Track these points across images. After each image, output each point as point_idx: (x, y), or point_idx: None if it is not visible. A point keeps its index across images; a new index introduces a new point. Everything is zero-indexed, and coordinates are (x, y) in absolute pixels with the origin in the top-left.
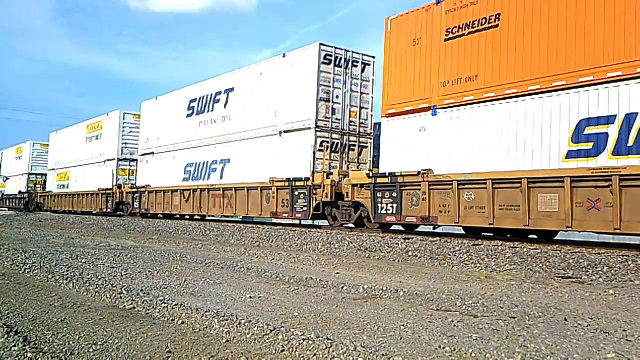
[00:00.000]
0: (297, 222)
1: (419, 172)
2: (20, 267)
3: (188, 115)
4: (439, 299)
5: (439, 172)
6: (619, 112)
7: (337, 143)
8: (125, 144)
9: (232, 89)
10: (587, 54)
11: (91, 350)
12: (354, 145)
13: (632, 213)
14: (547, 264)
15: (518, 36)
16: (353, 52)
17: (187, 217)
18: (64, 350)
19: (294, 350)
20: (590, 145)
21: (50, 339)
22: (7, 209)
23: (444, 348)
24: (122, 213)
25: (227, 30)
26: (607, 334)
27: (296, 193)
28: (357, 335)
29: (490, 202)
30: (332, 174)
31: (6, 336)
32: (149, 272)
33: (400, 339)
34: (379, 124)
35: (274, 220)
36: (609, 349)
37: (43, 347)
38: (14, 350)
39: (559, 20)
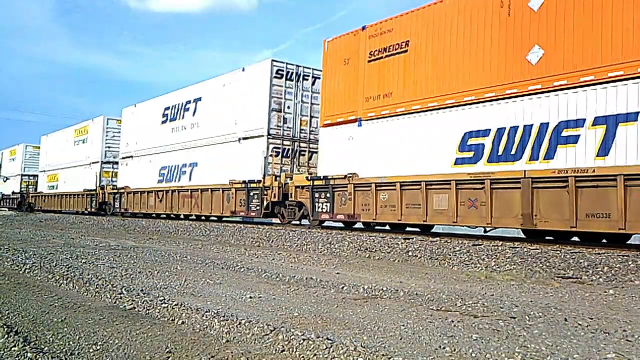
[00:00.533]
0: (251, 219)
1: (346, 176)
2: (21, 267)
3: (162, 122)
4: (439, 299)
5: (362, 176)
6: (492, 126)
7: (288, 149)
8: (109, 147)
9: (199, 99)
10: (470, 78)
11: (91, 350)
12: (304, 151)
13: (500, 210)
14: (547, 264)
15: (421, 60)
16: (304, 67)
17: (164, 216)
18: (64, 350)
19: (294, 350)
20: (471, 154)
21: (50, 339)
22: (6, 209)
23: (444, 348)
24: (105, 212)
25: (227, 30)
26: (607, 334)
27: (251, 194)
28: (357, 335)
29: (399, 201)
30: (279, 176)
31: (6, 336)
32: (149, 272)
33: (400, 339)
34: None
35: (232, 218)
36: (609, 349)
37: (43, 347)
38: (14, 350)
39: (450, 49)
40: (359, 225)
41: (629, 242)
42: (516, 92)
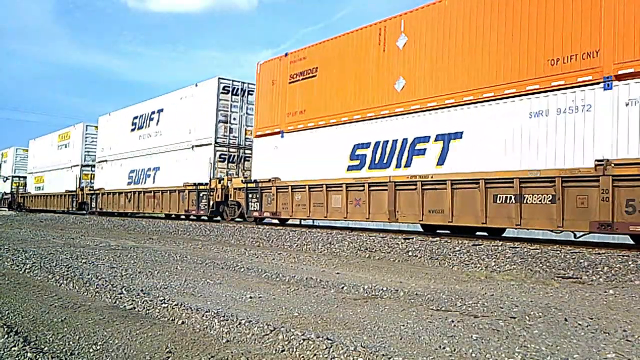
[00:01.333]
0: (202, 217)
1: (270, 179)
2: (21, 267)
3: (132, 130)
4: (439, 299)
5: (283, 180)
6: (372, 140)
7: (234, 155)
8: (88, 151)
9: (162, 110)
10: (357, 99)
11: (91, 350)
12: (249, 157)
13: (375, 208)
14: (547, 264)
15: (326, 83)
16: (249, 83)
17: (129, 214)
18: (64, 350)
19: (294, 350)
20: (358, 162)
21: (50, 339)
22: (6, 209)
23: (444, 348)
24: (84, 212)
25: (227, 30)
26: (607, 334)
27: (201, 195)
28: (357, 335)
29: (308, 201)
30: (222, 179)
31: (6, 336)
32: (149, 272)
33: (400, 339)
34: None
35: (185, 215)
36: (609, 349)
37: (43, 347)
38: (14, 350)
39: (345, 75)
40: (292, 221)
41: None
42: (388, 113)
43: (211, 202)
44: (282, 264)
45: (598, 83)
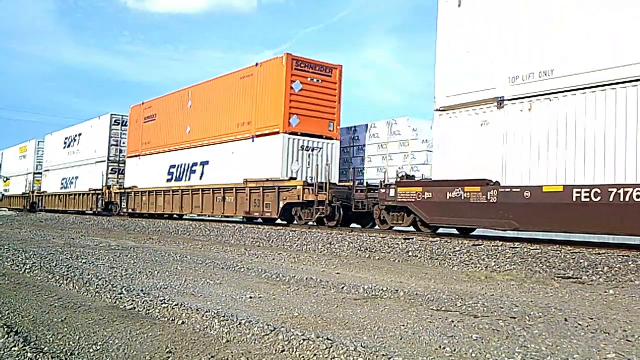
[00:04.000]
0: (97, 212)
1: (132, 187)
2: (21, 267)
3: (63, 147)
4: (439, 299)
5: (139, 187)
6: (177, 162)
7: (122, 169)
8: (39, 162)
9: (80, 134)
10: (172, 137)
11: (91, 350)
12: None
13: (177, 204)
14: (547, 264)
15: (160, 125)
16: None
17: (60, 211)
18: (64, 350)
19: (294, 350)
20: (170, 176)
21: (50, 339)
22: (6, 209)
23: (444, 348)
24: (34, 209)
25: (227, 31)
26: (607, 334)
27: (97, 197)
28: (357, 335)
29: (149, 201)
30: (110, 186)
31: (6, 336)
32: (149, 272)
33: (400, 339)
34: None
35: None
36: (609, 349)
37: (43, 347)
38: (14, 350)
39: (169, 121)
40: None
41: (631, 242)
42: (183, 147)
43: (102, 202)
44: (282, 264)
45: (250, 138)
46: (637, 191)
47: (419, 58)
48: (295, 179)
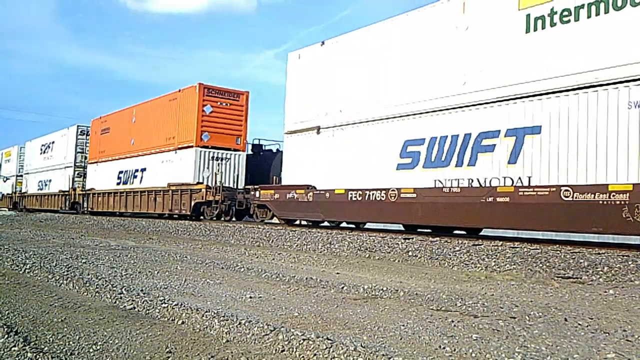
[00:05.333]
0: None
1: (91, 189)
2: (21, 267)
3: (40, 153)
4: (439, 299)
5: (97, 189)
6: (125, 169)
7: (86, 173)
8: (21, 166)
9: (53, 142)
10: (121, 148)
11: (91, 350)
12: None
13: (126, 204)
14: (547, 264)
15: (112, 137)
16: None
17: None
18: (64, 350)
19: (294, 350)
20: (119, 180)
21: (50, 339)
22: (6, 209)
23: (444, 348)
24: (16, 208)
25: (227, 30)
26: (607, 334)
27: (66, 197)
28: (357, 335)
29: (102, 200)
30: (75, 188)
31: (6, 336)
32: (149, 272)
33: (400, 339)
34: None
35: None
36: (609, 349)
37: (43, 347)
38: (14, 350)
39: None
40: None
41: (630, 242)
42: (130, 155)
43: (69, 202)
44: (282, 264)
45: (174, 150)
46: (373, 193)
47: None
48: (202, 183)
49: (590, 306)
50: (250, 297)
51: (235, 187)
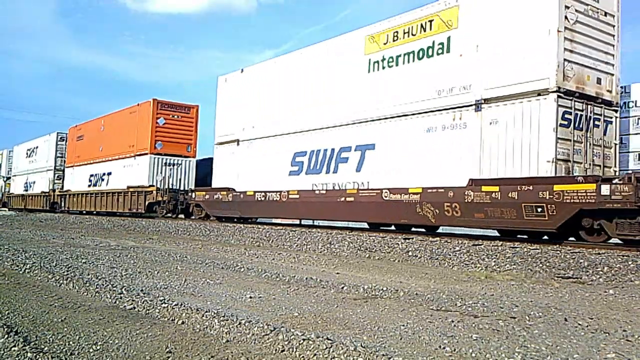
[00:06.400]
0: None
1: (67, 190)
2: (21, 267)
3: (25, 157)
4: (439, 299)
5: (72, 190)
6: (92, 172)
7: (65, 176)
8: (10, 168)
9: (37, 147)
10: (92, 153)
11: (91, 350)
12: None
13: (96, 204)
14: (547, 264)
15: (86, 143)
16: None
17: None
18: (64, 350)
19: (294, 350)
20: (90, 183)
21: (50, 339)
22: (6, 209)
23: (444, 348)
24: (9, 207)
25: (227, 30)
26: (607, 334)
27: (46, 198)
28: (357, 335)
29: (77, 200)
30: (55, 190)
31: (6, 336)
32: (149, 272)
33: (400, 339)
34: None
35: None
36: (609, 349)
37: (43, 347)
38: (14, 350)
39: (90, 141)
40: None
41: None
42: (98, 161)
43: (49, 202)
44: (282, 264)
45: (133, 157)
46: (271, 194)
47: None
48: (153, 186)
49: (590, 306)
50: (250, 297)
51: (183, 189)
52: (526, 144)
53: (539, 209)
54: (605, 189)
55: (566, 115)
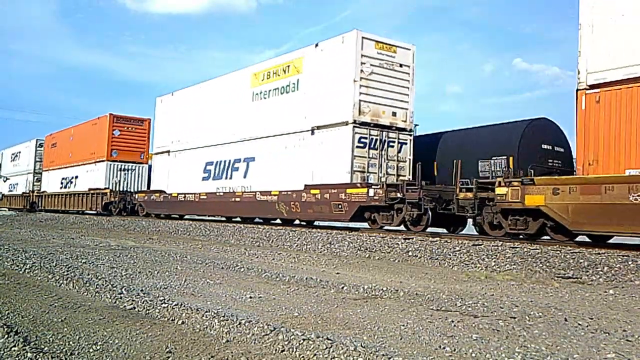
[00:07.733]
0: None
1: (44, 191)
2: (21, 267)
3: (10, 161)
4: (439, 299)
5: (47, 191)
6: (63, 176)
7: (42, 178)
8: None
9: (20, 152)
10: (62, 159)
11: (91, 350)
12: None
13: (67, 204)
14: (547, 264)
15: (59, 151)
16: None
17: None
18: (64, 350)
19: (294, 350)
20: (61, 185)
21: (50, 339)
22: (6, 209)
23: (444, 348)
24: None
25: (227, 30)
26: (607, 334)
27: (27, 198)
28: (357, 335)
29: (53, 201)
30: (33, 191)
31: (6, 336)
32: (149, 272)
33: (400, 339)
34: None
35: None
36: (609, 349)
37: (43, 347)
38: (14, 350)
39: (61, 150)
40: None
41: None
42: (68, 166)
43: (28, 202)
44: (282, 264)
45: (94, 163)
46: (189, 196)
47: (419, 59)
48: (108, 188)
49: (590, 306)
50: (250, 297)
51: (134, 191)
52: (338, 159)
53: (340, 206)
54: (371, 192)
55: (362, 139)
